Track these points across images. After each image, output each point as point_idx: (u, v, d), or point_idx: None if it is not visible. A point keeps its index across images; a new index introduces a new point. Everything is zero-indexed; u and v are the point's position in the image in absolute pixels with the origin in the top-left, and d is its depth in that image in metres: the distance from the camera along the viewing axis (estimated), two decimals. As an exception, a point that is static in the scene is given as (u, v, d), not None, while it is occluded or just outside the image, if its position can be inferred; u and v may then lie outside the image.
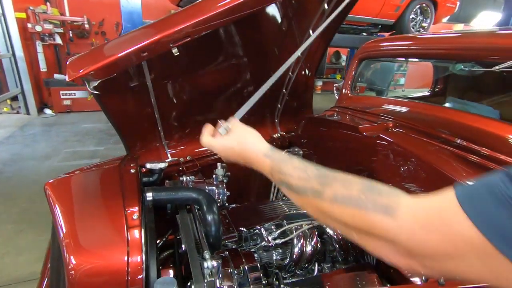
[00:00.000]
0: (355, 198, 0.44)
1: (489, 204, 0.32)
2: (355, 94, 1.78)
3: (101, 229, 0.62)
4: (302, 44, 1.34)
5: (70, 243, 0.59)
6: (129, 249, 0.59)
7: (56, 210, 0.66)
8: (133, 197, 0.70)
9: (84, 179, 0.81)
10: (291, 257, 0.98)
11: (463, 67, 1.30)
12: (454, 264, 0.35)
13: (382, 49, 1.66)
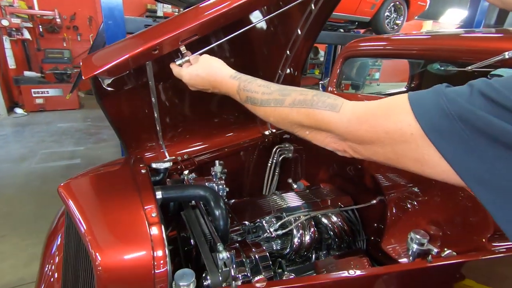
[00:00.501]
0: (309, 100, 0.54)
1: (432, 107, 0.39)
2: (340, 91, 1.88)
3: (123, 226, 0.66)
4: (289, 45, 1.40)
5: (95, 240, 0.62)
6: (153, 244, 0.63)
7: (75, 210, 0.69)
8: (149, 195, 0.73)
9: (98, 180, 0.83)
10: (291, 247, 1.06)
11: (440, 67, 1.42)
12: (380, 150, 0.45)
13: (363, 48, 1.76)
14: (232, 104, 0.78)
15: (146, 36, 0.68)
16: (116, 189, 0.76)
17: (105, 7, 2.64)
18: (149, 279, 0.62)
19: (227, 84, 0.68)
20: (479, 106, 0.36)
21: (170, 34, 0.69)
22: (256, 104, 0.62)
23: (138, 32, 0.75)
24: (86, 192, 0.76)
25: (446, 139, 0.38)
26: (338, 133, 0.51)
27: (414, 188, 1.11)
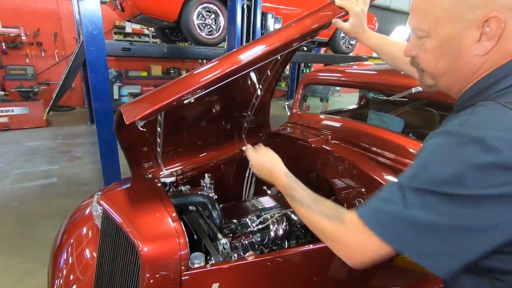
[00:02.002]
0: (329, 213, 0.68)
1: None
2: (303, 111, 2.27)
3: (155, 223, 0.93)
4: (261, 81, 1.76)
5: (137, 234, 0.89)
6: (177, 234, 0.92)
7: (117, 214, 0.96)
8: (168, 201, 1.02)
9: (127, 192, 1.09)
10: (269, 238, 1.38)
11: (373, 95, 1.86)
12: None
13: (319, 77, 2.18)
14: (214, 128, 1.04)
15: (172, 89, 0.97)
16: (142, 198, 1.04)
17: (87, 35, 2.84)
18: (176, 259, 0.91)
19: (280, 178, 0.88)
20: None
21: (190, 88, 0.99)
22: (294, 201, 0.78)
23: (165, 85, 1.03)
24: (121, 201, 1.03)
25: None
26: None
27: (359, 189, 1.49)
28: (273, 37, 1.06)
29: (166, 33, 5.48)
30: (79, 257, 1.51)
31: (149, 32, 8.34)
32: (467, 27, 0.55)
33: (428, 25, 0.60)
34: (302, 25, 1.09)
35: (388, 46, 1.06)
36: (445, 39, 0.58)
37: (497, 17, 0.52)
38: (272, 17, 3.05)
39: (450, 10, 0.56)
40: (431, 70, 0.65)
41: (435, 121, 2.22)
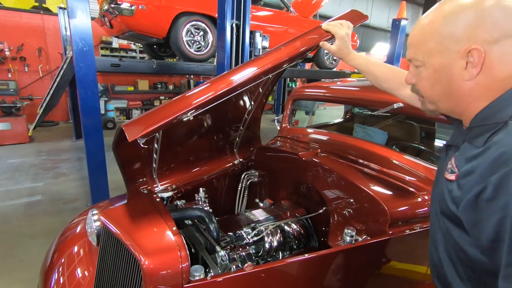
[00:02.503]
0: None
1: None
2: (292, 126, 2.36)
3: (156, 237, 0.96)
4: (253, 97, 1.83)
5: (139, 248, 0.92)
6: (179, 248, 0.96)
7: (117, 229, 0.98)
8: (167, 215, 1.05)
9: (127, 207, 1.11)
10: (263, 249, 1.42)
11: (359, 110, 1.97)
12: None
13: (307, 93, 2.29)
14: (207, 143, 1.07)
15: (172, 107, 1.02)
16: (142, 213, 1.07)
17: (77, 52, 2.87)
18: (178, 272, 0.93)
19: None
20: None
21: (190, 107, 1.04)
22: None
23: (165, 104, 1.08)
24: (121, 217, 1.05)
25: None
26: None
27: (348, 199, 1.57)
28: (265, 59, 1.14)
29: (154, 49, 5.54)
30: (71, 276, 1.49)
31: (136, 48, 8.39)
32: (455, 57, 0.64)
33: (422, 56, 0.69)
34: (292, 48, 1.18)
35: (371, 66, 1.16)
36: (437, 68, 0.68)
37: (477, 49, 0.61)
38: (260, 35, 3.18)
39: (440, 44, 0.65)
40: (429, 94, 0.73)
41: (416, 133, 2.35)
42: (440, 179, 0.74)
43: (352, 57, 1.19)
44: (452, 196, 0.65)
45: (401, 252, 1.37)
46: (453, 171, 0.66)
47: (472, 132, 0.66)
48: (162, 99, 8.95)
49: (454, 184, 0.65)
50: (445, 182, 0.69)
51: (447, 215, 0.69)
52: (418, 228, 1.31)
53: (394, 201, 1.34)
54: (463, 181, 0.61)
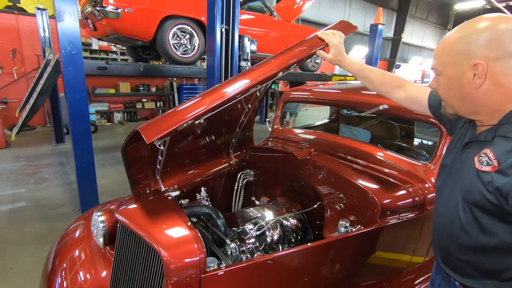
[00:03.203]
0: None
1: None
2: (283, 127, 2.48)
3: (174, 232, 1.04)
4: (249, 104, 1.93)
5: (159, 242, 0.99)
6: (195, 241, 1.04)
7: (134, 226, 1.05)
8: (181, 212, 1.12)
9: (142, 206, 1.17)
10: (265, 242, 1.52)
11: (347, 111, 2.12)
12: None
13: (297, 96, 2.42)
14: (206, 144, 1.13)
15: (186, 111, 1.10)
16: (157, 210, 1.13)
17: (65, 55, 2.85)
18: (196, 263, 1.01)
19: None
20: None
21: (203, 110, 1.12)
22: None
23: (178, 107, 1.15)
24: (138, 215, 1.11)
25: None
26: None
27: (339, 195, 1.69)
28: (272, 64, 1.24)
29: (138, 51, 5.50)
30: (74, 280, 1.52)
31: (117, 49, 8.24)
32: (464, 70, 0.79)
33: (441, 67, 0.85)
34: (293, 54, 1.30)
35: (366, 72, 1.29)
36: (450, 76, 0.83)
37: (481, 64, 0.76)
38: (248, 39, 3.28)
39: (453, 58, 0.81)
40: (445, 98, 0.88)
41: (396, 132, 2.54)
42: (464, 173, 0.86)
43: (348, 63, 1.32)
44: (493, 186, 0.75)
45: (390, 241, 1.51)
46: (490, 163, 0.77)
47: (503, 127, 0.79)
48: (144, 102, 8.83)
49: (491, 175, 0.76)
50: (477, 174, 0.79)
51: (479, 205, 0.80)
52: (404, 218, 1.46)
53: (382, 193, 1.48)
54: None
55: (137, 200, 1.20)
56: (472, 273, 0.87)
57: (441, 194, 0.97)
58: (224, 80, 3.21)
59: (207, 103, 1.17)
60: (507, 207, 0.73)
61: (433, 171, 1.58)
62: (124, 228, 1.14)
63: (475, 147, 0.85)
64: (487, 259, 0.83)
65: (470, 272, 0.88)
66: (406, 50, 20.07)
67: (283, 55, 1.30)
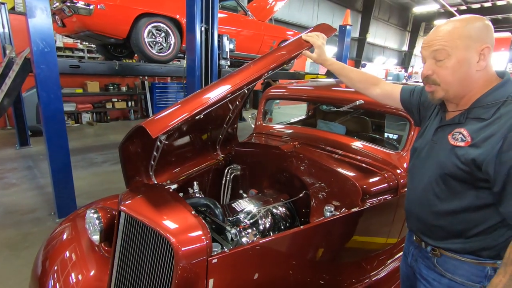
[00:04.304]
0: None
1: None
2: (266, 123, 2.59)
3: (181, 220, 1.10)
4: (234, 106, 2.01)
5: (170, 231, 1.06)
6: (201, 227, 1.11)
7: (142, 218, 1.10)
8: (184, 202, 1.19)
9: (145, 198, 1.21)
10: (258, 230, 1.62)
11: (326, 107, 2.28)
12: None
13: (278, 93, 2.54)
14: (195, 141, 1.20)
15: (188, 106, 1.17)
16: (161, 202, 1.19)
17: (37, 53, 2.75)
18: (203, 247, 1.09)
19: None
20: None
21: (204, 105, 1.20)
22: None
23: (180, 102, 1.21)
24: (143, 207, 1.16)
25: None
26: None
27: (323, 183, 1.84)
28: (263, 63, 1.34)
29: (109, 49, 5.34)
30: (68, 280, 1.53)
31: (83, 47, 7.88)
32: (473, 53, 0.90)
33: (451, 50, 0.91)
34: (282, 55, 1.41)
35: (346, 71, 1.44)
36: (460, 59, 0.91)
37: (489, 47, 0.89)
38: (227, 39, 3.36)
39: (464, 42, 0.90)
40: (449, 81, 0.94)
41: (368, 126, 2.76)
42: (437, 150, 1.01)
43: (330, 62, 1.46)
44: (467, 158, 0.90)
45: (369, 222, 1.68)
46: (464, 139, 0.92)
47: (475, 110, 0.94)
48: (115, 101, 8.53)
49: (465, 149, 0.91)
50: (452, 149, 0.94)
51: (454, 174, 0.94)
52: (382, 200, 1.64)
53: (362, 179, 1.65)
54: (485, 143, 0.87)
55: (139, 194, 1.25)
56: (444, 235, 1.04)
57: (414, 171, 1.13)
58: (204, 78, 3.26)
59: (209, 98, 1.25)
60: (479, 174, 0.90)
61: (405, 158, 1.78)
62: (130, 220, 1.18)
63: (447, 129, 1.01)
64: (456, 221, 0.99)
65: (442, 234, 1.04)
66: (371, 50, 21.13)
67: (275, 53, 1.41)
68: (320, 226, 1.41)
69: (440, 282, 1.07)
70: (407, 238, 1.29)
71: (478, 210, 0.95)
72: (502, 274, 0.87)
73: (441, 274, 1.07)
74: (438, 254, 1.07)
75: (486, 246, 0.97)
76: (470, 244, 0.99)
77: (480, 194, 0.93)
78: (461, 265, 1.02)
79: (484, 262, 0.99)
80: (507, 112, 0.88)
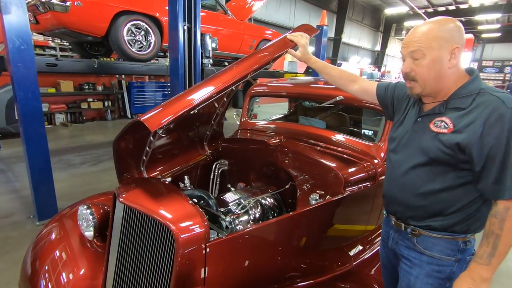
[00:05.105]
0: None
1: None
2: (251, 119, 2.68)
3: (179, 209, 1.16)
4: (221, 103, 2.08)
5: (169, 219, 1.11)
6: (199, 215, 1.18)
7: (142, 208, 1.15)
8: (181, 193, 1.25)
9: (143, 190, 1.25)
10: (248, 218, 1.71)
11: (308, 103, 2.40)
12: None
13: (262, 91, 2.64)
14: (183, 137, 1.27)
15: (185, 101, 1.23)
16: (159, 193, 1.24)
17: (13, 51, 2.67)
18: (202, 234, 1.16)
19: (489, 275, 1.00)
20: None
21: (202, 99, 1.26)
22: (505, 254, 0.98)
23: (177, 97, 1.27)
24: (142, 198, 1.21)
25: None
26: None
27: (308, 174, 1.95)
28: (255, 60, 1.43)
29: (85, 47, 5.20)
30: (59, 278, 1.55)
31: (55, 45, 7.57)
32: (445, 52, 1.01)
33: (426, 50, 1.03)
34: (268, 55, 1.50)
35: (328, 69, 1.55)
36: (434, 58, 1.03)
37: (459, 47, 1.01)
38: (209, 37, 3.40)
39: (438, 43, 1.01)
40: (425, 77, 1.06)
41: (346, 121, 2.92)
42: (418, 137, 1.13)
43: (313, 60, 1.57)
44: (451, 142, 1.01)
45: (351, 209, 1.82)
46: (447, 126, 1.04)
47: (453, 101, 1.07)
48: (90, 101, 8.26)
49: (448, 135, 1.02)
50: (435, 135, 1.06)
51: (437, 158, 1.06)
52: (362, 187, 1.77)
53: (344, 169, 1.77)
54: (467, 129, 0.99)
55: (136, 186, 1.29)
56: (425, 216, 1.15)
57: (394, 158, 1.24)
58: (188, 77, 3.29)
59: (203, 93, 1.32)
60: (461, 156, 1.02)
61: (382, 148, 1.93)
62: (129, 212, 1.23)
63: (427, 119, 1.13)
64: (437, 200, 1.11)
65: (423, 215, 1.15)
66: (346, 49, 21.81)
67: (264, 51, 1.50)
68: (309, 211, 1.51)
69: (421, 259, 1.18)
70: (385, 224, 1.39)
71: (456, 188, 1.08)
72: (485, 245, 0.99)
73: (421, 252, 1.18)
74: (417, 234, 1.18)
75: (459, 221, 1.11)
76: (447, 221, 1.11)
77: (459, 174, 1.06)
78: (438, 241, 1.14)
79: (457, 237, 1.12)
80: (483, 102, 1.00)
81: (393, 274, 1.38)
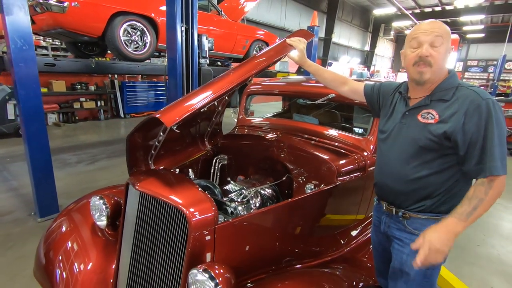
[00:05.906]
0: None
1: None
2: (248, 117, 2.82)
3: (191, 195, 1.29)
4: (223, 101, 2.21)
5: (182, 204, 1.24)
6: (209, 200, 1.31)
7: (157, 194, 1.27)
8: (191, 181, 1.38)
9: (156, 178, 1.37)
10: (249, 208, 1.84)
11: (302, 100, 2.55)
12: None
13: (259, 89, 2.78)
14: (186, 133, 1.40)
15: (197, 99, 1.35)
16: (171, 181, 1.37)
17: (16, 51, 2.74)
18: (211, 217, 1.29)
19: (459, 230, 1.11)
20: None
21: (212, 98, 1.39)
22: (476, 213, 1.10)
23: (190, 95, 1.39)
24: (156, 185, 1.33)
25: None
26: None
27: (304, 166, 2.10)
28: (259, 61, 1.57)
29: (79, 47, 5.23)
30: (71, 269, 1.66)
31: (47, 44, 7.53)
32: (449, 46, 1.19)
33: (443, 40, 1.17)
34: (270, 57, 1.64)
35: (321, 71, 1.71)
36: (447, 49, 1.19)
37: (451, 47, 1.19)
38: (206, 38, 3.52)
39: (448, 37, 1.18)
40: (439, 64, 1.18)
41: (338, 118, 3.09)
42: (408, 128, 1.27)
43: (309, 64, 1.72)
44: (438, 132, 1.16)
45: (343, 198, 1.97)
46: (433, 117, 1.19)
47: (437, 94, 1.22)
48: (83, 101, 8.24)
49: (435, 125, 1.17)
50: (424, 126, 1.21)
51: (426, 146, 1.20)
52: (353, 177, 1.94)
53: (336, 160, 1.93)
54: (451, 119, 1.14)
55: (149, 176, 1.42)
56: (415, 199, 1.29)
57: (384, 149, 1.38)
58: (186, 77, 3.40)
59: (215, 91, 1.45)
60: (447, 143, 1.17)
61: (371, 141, 2.09)
62: (144, 199, 1.35)
63: (414, 111, 1.28)
64: (426, 185, 1.26)
65: (414, 198, 1.30)
66: (336, 49, 22.14)
67: (267, 53, 1.64)
68: (305, 198, 1.66)
69: (411, 239, 1.26)
70: (377, 210, 1.54)
71: (443, 172, 1.23)
72: (466, 204, 1.11)
73: (411, 233, 1.32)
74: (408, 217, 1.32)
75: (444, 201, 1.26)
76: (434, 203, 1.26)
77: (445, 159, 1.22)
78: (426, 222, 1.27)
79: (442, 218, 1.23)
80: (461, 95, 1.17)
81: (384, 256, 1.53)
